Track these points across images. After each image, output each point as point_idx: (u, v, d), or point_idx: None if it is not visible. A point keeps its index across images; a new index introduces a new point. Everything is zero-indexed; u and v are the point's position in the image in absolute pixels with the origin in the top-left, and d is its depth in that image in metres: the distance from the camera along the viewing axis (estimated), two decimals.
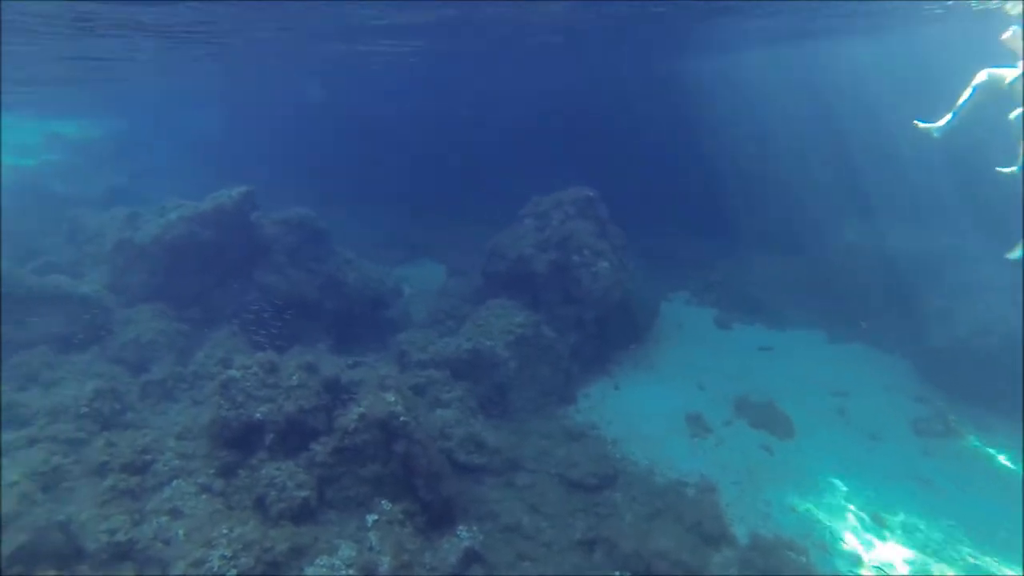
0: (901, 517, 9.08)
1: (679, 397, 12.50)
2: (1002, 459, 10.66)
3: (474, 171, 30.44)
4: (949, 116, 7.54)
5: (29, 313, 10.97)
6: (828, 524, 8.87)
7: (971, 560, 8.27)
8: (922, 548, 8.49)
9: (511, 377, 11.57)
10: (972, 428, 11.47)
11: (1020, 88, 6.75)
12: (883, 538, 8.65)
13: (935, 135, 7.65)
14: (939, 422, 11.37)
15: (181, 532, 6.79)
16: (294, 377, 8.40)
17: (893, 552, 8.39)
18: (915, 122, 7.82)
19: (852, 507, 9.22)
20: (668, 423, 11.60)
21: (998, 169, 7.58)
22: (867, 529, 8.82)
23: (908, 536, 8.72)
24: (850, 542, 8.54)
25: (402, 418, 8.12)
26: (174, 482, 7.43)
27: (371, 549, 7.14)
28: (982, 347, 11.98)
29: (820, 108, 21.50)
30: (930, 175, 15.57)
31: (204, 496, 7.28)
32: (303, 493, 7.46)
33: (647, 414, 11.93)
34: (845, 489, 9.64)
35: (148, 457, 7.75)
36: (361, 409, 8.20)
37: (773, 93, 25.36)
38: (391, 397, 8.38)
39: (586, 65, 28.74)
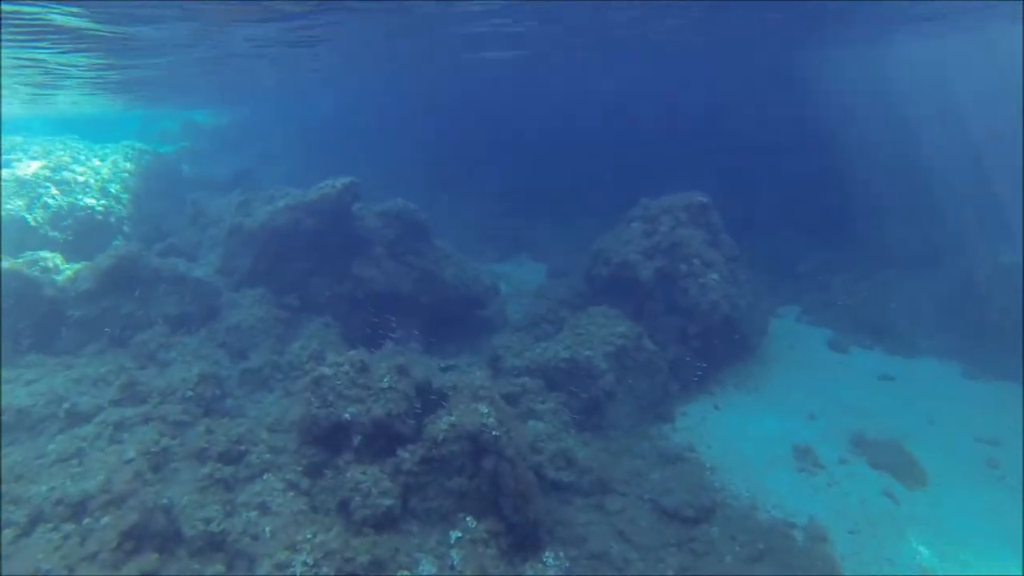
0: None
1: (787, 425, 11.50)
2: None
3: (585, 169, 29.89)
4: None
5: (151, 293, 11.66)
6: None
7: None
8: None
9: (608, 391, 11.05)
10: None
11: None
12: None
13: None
14: None
15: (268, 530, 6.85)
16: (385, 379, 8.32)
17: None
18: None
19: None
20: (773, 454, 10.68)
21: None
22: None
23: None
24: None
25: (494, 432, 7.84)
26: (265, 475, 7.56)
27: (452, 568, 6.92)
28: None
29: (976, 105, 19.27)
30: None
31: (291, 494, 7.33)
32: (387, 501, 7.35)
33: (750, 441, 11.06)
34: (996, 557, 8.36)
35: (242, 447, 7.93)
36: (452, 419, 8.01)
37: (921, 88, 23.08)
38: (484, 408, 8.13)
39: (709, 63, 27.44)
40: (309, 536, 6.54)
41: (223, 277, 12.87)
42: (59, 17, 11.08)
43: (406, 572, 6.63)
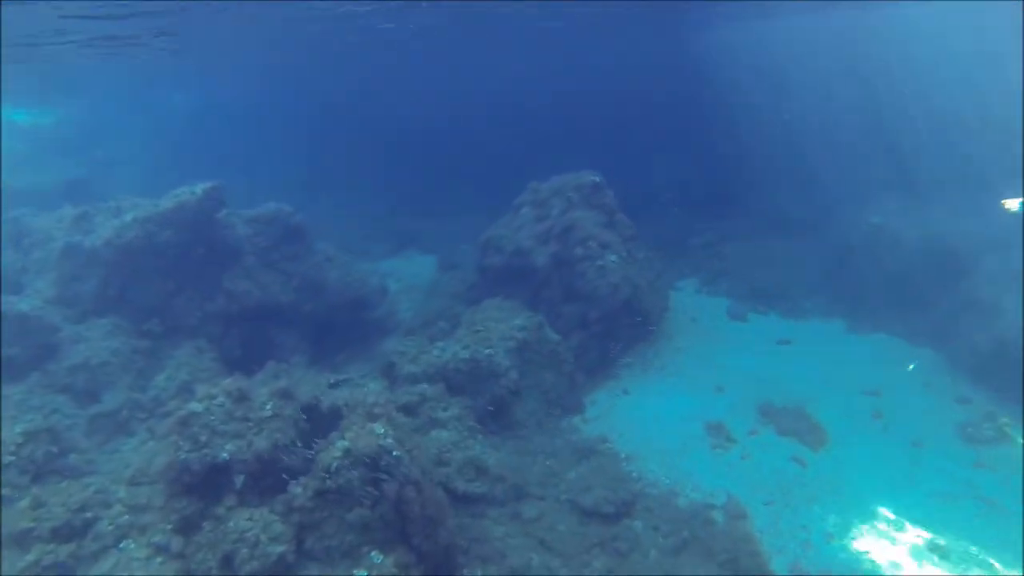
0: (963, 546, 8.24)
1: (696, 402, 11.66)
2: None
3: (470, 155, 29.39)
4: None
5: None
6: (876, 557, 8.04)
7: None
8: None
9: (513, 389, 10.66)
10: None
11: None
12: (947, 573, 7.81)
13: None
14: (989, 426, 10.58)
15: None
16: (267, 406, 7.45)
17: None
18: (1002, 202, 7.04)
19: (904, 533, 8.43)
20: (687, 433, 10.76)
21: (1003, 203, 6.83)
22: (923, 563, 7.98)
23: (969, 569, 7.90)
24: None
25: (394, 453, 7.19)
26: (123, 544, 6.47)
27: None
28: None
29: (849, 75, 20.51)
30: (978, 150, 14.66)
31: (159, 560, 6.34)
32: (279, 548, 6.55)
33: (662, 423, 11.10)
34: (892, 510, 8.83)
35: (88, 515, 6.76)
36: (346, 443, 7.25)
37: (797, 61, 24.35)
38: (380, 428, 7.44)
39: (591, 44, 27.64)
40: None
41: (61, 308, 11.22)
42: None
43: None
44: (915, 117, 16.91)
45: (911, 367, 11.88)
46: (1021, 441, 10.33)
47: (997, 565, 7.86)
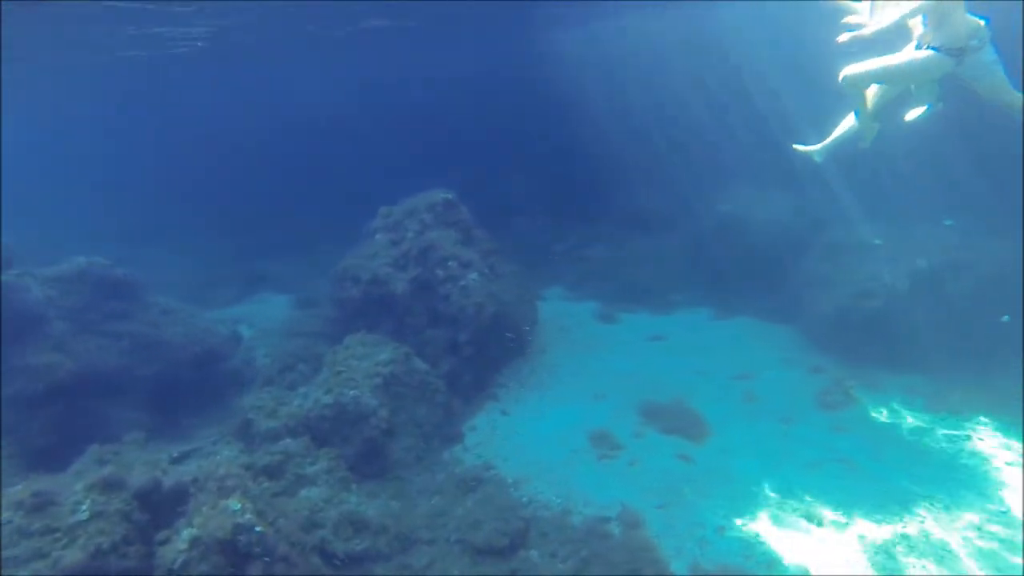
0: (832, 509, 8.79)
1: (578, 412, 11.63)
2: (896, 413, 10.95)
3: (315, 182, 28.09)
4: (829, 140, 7.15)
5: None
6: (766, 537, 8.29)
7: (909, 552, 8.05)
8: (859, 539, 8.19)
9: (385, 428, 10.00)
10: (868, 391, 11.63)
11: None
12: (822, 539, 8.22)
13: (817, 159, 7.23)
14: (839, 392, 11.47)
15: None
16: (83, 506, 6.29)
17: (837, 553, 7.92)
18: (795, 146, 7.39)
19: (784, 510, 8.81)
20: (572, 446, 10.67)
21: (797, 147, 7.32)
22: (805, 532, 8.36)
23: (843, 530, 8.36)
24: (793, 553, 8.03)
25: (256, 529, 6.33)
26: None
27: None
28: (866, 309, 12.17)
29: (687, 75, 21.66)
30: (798, 138, 15.86)
31: None
32: None
33: (546, 440, 10.93)
34: (773, 490, 9.23)
35: None
36: (193, 531, 6.32)
37: (637, 62, 25.44)
38: (236, 504, 6.58)
39: (434, 51, 27.33)
40: None
41: None
42: None
43: None
44: (758, 110, 18.15)
45: None
46: (867, 402, 11.20)
47: (861, 522, 8.41)
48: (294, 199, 27.15)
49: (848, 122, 7.08)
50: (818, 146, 7.24)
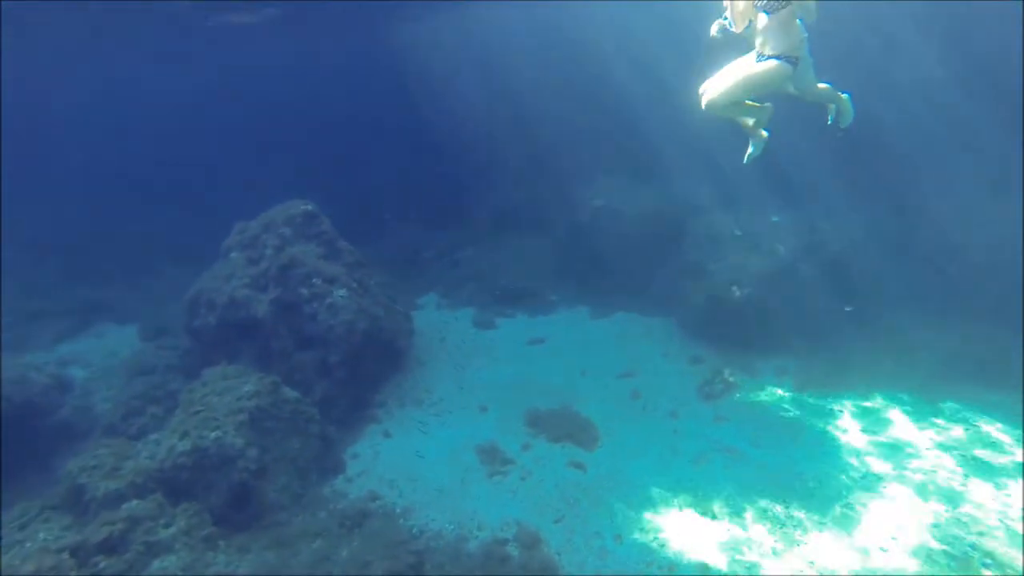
0: (722, 502, 9.04)
1: (463, 428, 11.31)
2: (771, 396, 11.58)
3: (162, 192, 25.61)
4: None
5: None
6: (664, 538, 8.39)
7: (794, 526, 8.45)
8: (750, 526, 8.48)
9: (255, 469, 9.08)
10: (744, 376, 12.18)
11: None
12: (717, 532, 8.48)
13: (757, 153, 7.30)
14: (718, 381, 11.93)
15: None
16: None
17: (731, 544, 8.19)
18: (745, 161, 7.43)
19: (679, 509, 9.00)
20: (461, 465, 10.32)
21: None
22: (700, 528, 8.61)
23: (734, 519, 8.64)
24: (691, 552, 8.16)
25: None
26: None
27: None
28: (737, 297, 12.72)
29: (555, 71, 21.71)
30: (662, 131, 16.36)
31: None
32: None
33: (433, 460, 10.52)
34: (666, 489, 9.39)
35: None
36: None
37: (505, 58, 25.19)
38: None
39: (281, 49, 25.69)
40: None
41: None
42: None
43: None
44: (631, 101, 18.49)
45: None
46: (745, 388, 11.72)
47: (748, 510, 8.75)
48: (136, 211, 24.54)
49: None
50: (753, 147, 7.29)
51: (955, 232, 13.52)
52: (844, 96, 6.91)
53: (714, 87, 6.46)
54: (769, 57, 6.17)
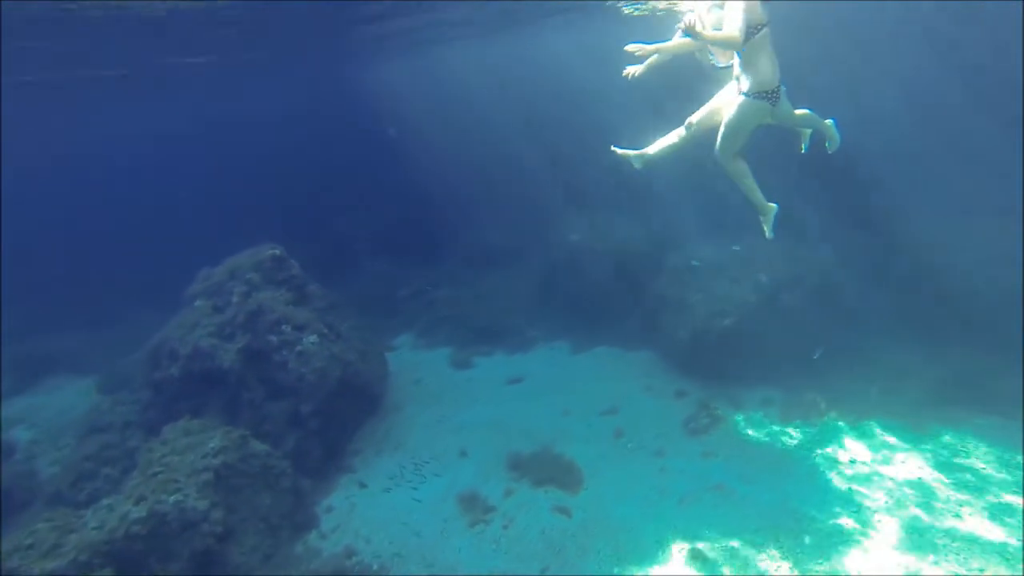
0: (714, 543, 8.81)
1: (442, 475, 10.98)
2: (758, 429, 11.43)
3: (119, 238, 25.12)
4: (652, 149, 7.25)
5: None
6: None
7: (789, 567, 8.25)
8: (742, 571, 8.24)
9: (220, 533, 8.66)
10: (730, 409, 12.04)
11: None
12: None
13: (636, 165, 7.25)
14: (704, 415, 11.76)
15: None
16: None
17: None
18: (613, 147, 7.36)
19: (671, 553, 8.71)
20: (441, 515, 10.01)
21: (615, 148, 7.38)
22: (693, 572, 8.17)
23: (730, 561, 8.35)
24: None
25: None
26: None
27: None
28: (720, 329, 12.63)
29: (526, 106, 21.95)
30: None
31: None
32: None
33: (411, 511, 10.20)
34: (655, 533, 9.13)
35: None
36: None
37: (475, 96, 25.46)
38: None
39: (244, 93, 25.67)
40: None
41: None
42: None
43: None
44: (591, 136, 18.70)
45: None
46: (731, 421, 11.54)
47: (740, 552, 8.49)
48: (90, 259, 24.00)
49: (672, 136, 7.14)
50: (637, 152, 7.22)
51: (931, 256, 13.68)
52: (828, 122, 6.93)
53: (705, 126, 6.57)
54: (743, 95, 6.23)
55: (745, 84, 6.17)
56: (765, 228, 7.07)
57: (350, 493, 10.81)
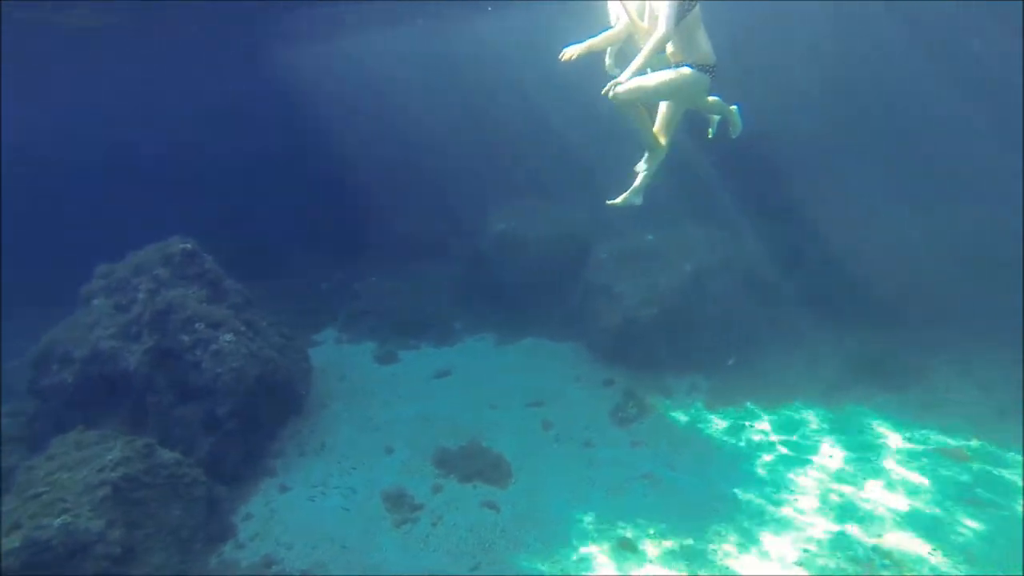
0: (642, 532, 8.91)
1: (368, 474, 10.70)
2: (685, 415, 11.71)
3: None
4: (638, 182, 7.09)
5: None
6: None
7: (716, 552, 8.42)
8: (672, 558, 8.34)
9: (118, 555, 8.01)
10: (658, 397, 12.25)
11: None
12: (641, 564, 8.25)
13: (637, 203, 7.14)
14: (632, 405, 11.91)
15: None
16: None
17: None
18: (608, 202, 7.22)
19: (600, 545, 8.77)
20: (366, 515, 9.73)
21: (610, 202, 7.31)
22: (621, 563, 8.25)
23: (657, 548, 8.52)
24: None
25: None
26: None
27: None
28: (645, 316, 12.78)
29: (453, 94, 21.55)
30: (572, 149, 16.43)
31: None
32: None
33: (336, 512, 9.87)
34: (584, 524, 9.15)
35: None
36: None
37: (399, 83, 24.78)
38: None
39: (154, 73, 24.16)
40: None
41: None
42: None
43: None
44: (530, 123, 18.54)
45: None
46: (659, 409, 11.72)
47: (670, 539, 8.64)
48: None
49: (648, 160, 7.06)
50: (627, 193, 7.11)
51: (848, 238, 14.27)
52: (733, 108, 7.01)
53: (628, 83, 6.09)
54: (685, 65, 6.09)
55: (683, 58, 6.08)
56: (644, 168, 6.93)
57: (270, 498, 10.33)
